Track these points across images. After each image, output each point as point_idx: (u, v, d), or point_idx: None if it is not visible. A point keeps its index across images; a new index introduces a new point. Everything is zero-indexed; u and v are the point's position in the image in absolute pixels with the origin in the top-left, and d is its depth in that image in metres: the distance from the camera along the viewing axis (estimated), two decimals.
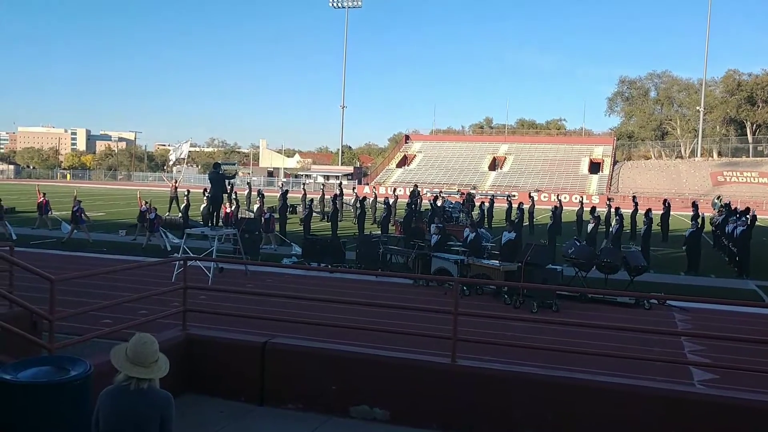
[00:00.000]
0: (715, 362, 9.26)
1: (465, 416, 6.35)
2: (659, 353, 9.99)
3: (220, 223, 18.62)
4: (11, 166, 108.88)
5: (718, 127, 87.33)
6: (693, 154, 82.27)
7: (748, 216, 19.86)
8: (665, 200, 30.35)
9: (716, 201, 38.09)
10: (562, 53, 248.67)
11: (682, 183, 67.87)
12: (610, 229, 22.64)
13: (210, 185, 17.05)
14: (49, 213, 25.67)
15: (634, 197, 33.12)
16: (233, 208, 25.23)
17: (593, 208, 23.31)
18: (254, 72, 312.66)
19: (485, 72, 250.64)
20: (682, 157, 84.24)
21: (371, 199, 34.52)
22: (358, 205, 29.09)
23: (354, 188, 45.73)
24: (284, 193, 27.19)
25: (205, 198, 21.56)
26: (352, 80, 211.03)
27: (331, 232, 24.52)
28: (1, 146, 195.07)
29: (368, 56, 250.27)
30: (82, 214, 22.28)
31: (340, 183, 43.41)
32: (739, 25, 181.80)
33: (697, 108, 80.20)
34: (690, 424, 5.78)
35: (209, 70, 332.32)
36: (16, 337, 5.84)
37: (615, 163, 76.73)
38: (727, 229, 21.69)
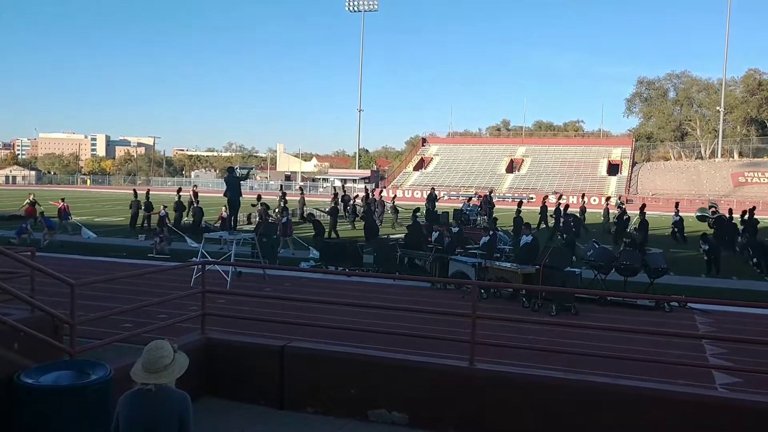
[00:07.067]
0: (737, 365, 9.13)
1: (483, 420, 6.32)
2: (680, 356, 9.87)
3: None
4: (32, 172, 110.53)
5: (738, 127, 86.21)
6: (713, 154, 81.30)
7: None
8: (677, 203, 30.51)
9: (698, 213, 35.68)
10: (580, 54, 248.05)
11: (702, 184, 67.09)
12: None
13: (226, 189, 17.09)
14: (69, 218, 25.97)
15: (627, 207, 32.70)
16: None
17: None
18: (271, 76, 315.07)
19: (502, 74, 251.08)
20: (702, 158, 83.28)
21: (389, 203, 34.45)
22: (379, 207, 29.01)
23: (371, 192, 45.72)
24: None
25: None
26: (369, 83, 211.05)
27: (348, 235, 24.54)
28: (23, 152, 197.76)
29: (384, 59, 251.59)
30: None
31: (373, 189, 43.28)
32: (760, 24, 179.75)
33: (717, 108, 79.27)
34: (712, 428, 5.71)
35: (227, 74, 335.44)
36: (38, 341, 5.91)
37: (634, 164, 76.05)
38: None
